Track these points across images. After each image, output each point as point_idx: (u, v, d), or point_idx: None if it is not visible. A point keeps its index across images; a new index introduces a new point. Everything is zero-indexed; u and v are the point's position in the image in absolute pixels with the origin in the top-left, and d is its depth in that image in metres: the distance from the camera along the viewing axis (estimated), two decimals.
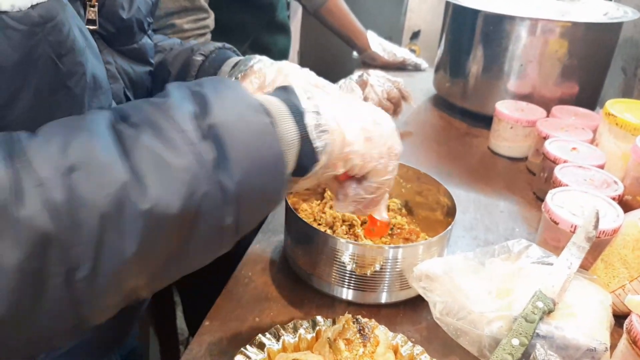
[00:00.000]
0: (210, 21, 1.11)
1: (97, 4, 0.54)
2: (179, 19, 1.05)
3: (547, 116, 1.08)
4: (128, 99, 0.63)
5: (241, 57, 0.73)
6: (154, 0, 0.65)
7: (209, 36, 1.11)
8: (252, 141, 0.41)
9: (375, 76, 1.09)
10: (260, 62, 0.69)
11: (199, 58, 0.73)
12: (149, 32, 0.67)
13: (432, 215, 0.79)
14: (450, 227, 0.66)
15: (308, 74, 0.66)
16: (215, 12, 1.12)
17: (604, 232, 0.67)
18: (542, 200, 0.82)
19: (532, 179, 1.00)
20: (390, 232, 0.74)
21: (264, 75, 0.66)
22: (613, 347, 0.58)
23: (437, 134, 1.19)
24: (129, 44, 0.62)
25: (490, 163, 1.07)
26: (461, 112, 1.27)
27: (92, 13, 0.54)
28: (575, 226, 0.69)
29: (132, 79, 0.63)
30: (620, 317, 0.63)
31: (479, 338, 0.57)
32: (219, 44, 0.77)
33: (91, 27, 0.54)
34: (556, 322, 0.57)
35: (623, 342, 0.55)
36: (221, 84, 0.44)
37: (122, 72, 0.61)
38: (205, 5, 1.08)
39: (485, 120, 1.17)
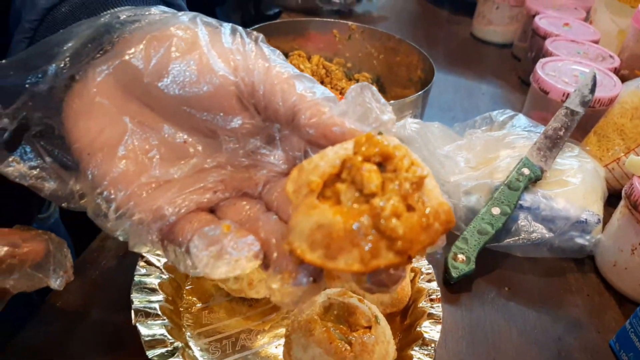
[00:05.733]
0: None
1: None
2: None
3: None
4: None
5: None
6: None
7: None
8: None
9: None
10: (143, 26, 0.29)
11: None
12: None
13: (405, 92, 0.69)
14: (428, 87, 0.56)
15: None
16: None
17: (599, 100, 0.59)
18: (527, 84, 0.73)
19: (517, 64, 0.90)
20: None
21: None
22: (604, 223, 0.51)
23: (414, 20, 1.07)
24: None
25: (472, 49, 0.96)
26: None
27: None
28: (568, 94, 0.60)
29: None
30: (612, 196, 0.56)
31: (454, 209, 0.50)
32: None
33: None
34: (543, 191, 0.50)
35: (620, 211, 0.48)
36: None
37: None
38: None
39: (467, 7, 1.05)
